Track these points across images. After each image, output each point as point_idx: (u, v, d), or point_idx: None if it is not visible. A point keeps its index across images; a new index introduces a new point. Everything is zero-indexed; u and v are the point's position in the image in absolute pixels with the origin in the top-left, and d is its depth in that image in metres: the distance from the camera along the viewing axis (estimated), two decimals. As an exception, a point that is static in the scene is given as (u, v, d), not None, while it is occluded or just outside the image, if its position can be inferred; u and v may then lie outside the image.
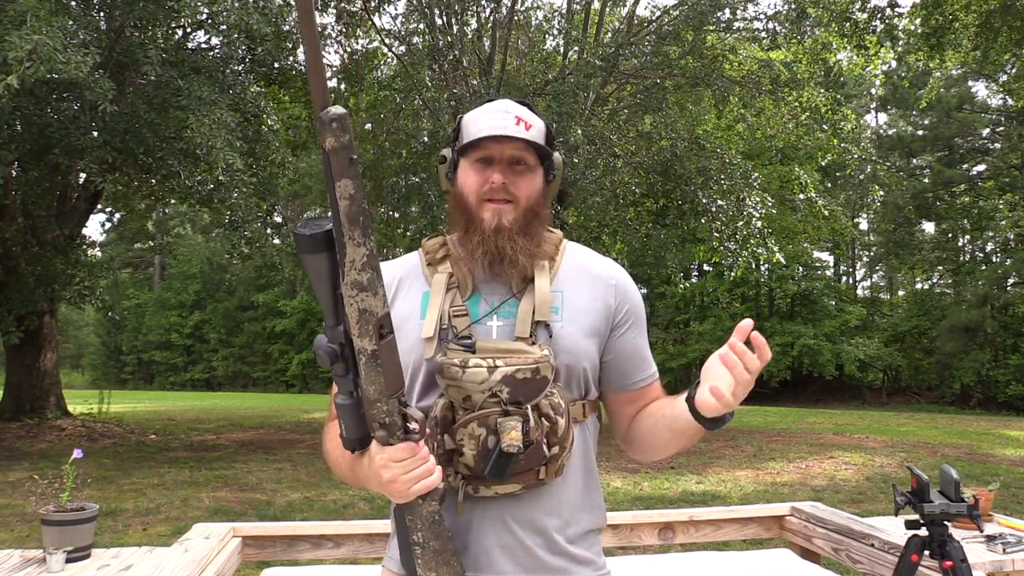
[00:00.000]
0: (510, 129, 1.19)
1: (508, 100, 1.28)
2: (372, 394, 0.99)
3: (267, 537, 2.54)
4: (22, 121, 7.73)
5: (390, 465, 1.02)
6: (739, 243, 10.25)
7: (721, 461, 8.48)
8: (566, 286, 1.25)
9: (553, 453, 1.15)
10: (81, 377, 39.95)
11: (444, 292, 1.21)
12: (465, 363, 1.11)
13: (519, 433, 1.09)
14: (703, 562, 2.62)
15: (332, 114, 0.87)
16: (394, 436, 1.02)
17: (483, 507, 1.17)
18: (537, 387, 1.12)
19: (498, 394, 1.10)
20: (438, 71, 10.11)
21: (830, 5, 10.17)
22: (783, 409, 19.89)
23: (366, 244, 0.93)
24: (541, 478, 1.16)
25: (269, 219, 11.51)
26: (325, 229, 0.95)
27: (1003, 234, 25.68)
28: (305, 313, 34.11)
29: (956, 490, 1.86)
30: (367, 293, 0.94)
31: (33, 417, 10.72)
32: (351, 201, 0.91)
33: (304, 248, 0.95)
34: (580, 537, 1.23)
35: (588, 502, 1.25)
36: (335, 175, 0.90)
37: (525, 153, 1.22)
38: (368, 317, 0.95)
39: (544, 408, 1.13)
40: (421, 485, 1.03)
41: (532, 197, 1.23)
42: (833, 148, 12.00)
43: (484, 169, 1.22)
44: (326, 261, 0.96)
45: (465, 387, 1.11)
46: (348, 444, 1.08)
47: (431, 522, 1.08)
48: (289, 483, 7.10)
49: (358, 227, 0.92)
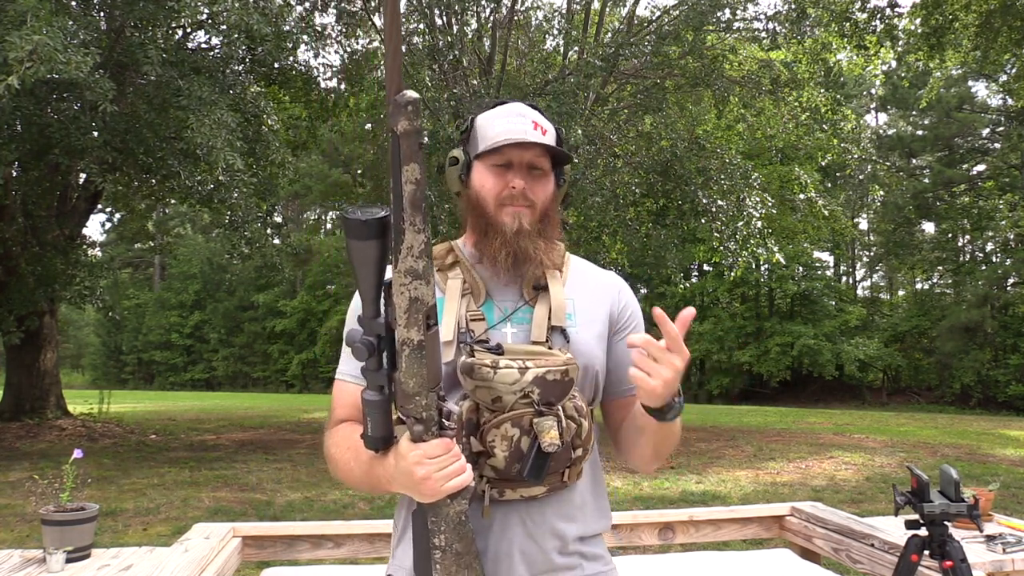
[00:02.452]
0: (530, 135, 1.21)
1: (521, 103, 1.28)
2: (412, 387, 0.97)
3: (267, 537, 2.54)
4: (22, 121, 7.73)
5: (425, 461, 0.99)
6: (739, 243, 10.25)
7: (721, 461, 8.48)
8: (576, 293, 1.27)
9: (577, 455, 1.16)
10: (81, 377, 39.96)
11: (459, 297, 1.21)
12: (496, 364, 1.11)
13: (556, 433, 1.09)
14: (703, 562, 2.62)
15: (408, 98, 0.87)
16: (429, 432, 1.00)
17: (505, 511, 1.17)
18: (565, 389, 1.13)
19: (530, 395, 1.10)
20: (438, 71, 10.11)
21: (830, 5, 10.16)
22: (783, 409, 19.91)
23: (425, 231, 0.92)
24: (564, 481, 1.17)
25: (269, 219, 11.51)
26: (379, 216, 0.93)
27: (1003, 234, 25.69)
28: (305, 313, 34.13)
29: (956, 490, 1.86)
30: (421, 281, 0.93)
31: (33, 417, 10.72)
32: (416, 186, 0.90)
33: (356, 234, 0.93)
34: (590, 538, 1.26)
35: (598, 505, 1.27)
36: (404, 159, 0.89)
37: (542, 159, 1.24)
38: (419, 306, 0.94)
39: (569, 410, 1.14)
40: (455, 483, 1.01)
41: (547, 202, 1.25)
42: (833, 148, 12.00)
43: (504, 173, 1.22)
44: (376, 249, 0.94)
45: (496, 388, 1.10)
46: (372, 444, 1.05)
47: (457, 523, 1.06)
48: (289, 483, 7.10)
49: (420, 213, 0.91)
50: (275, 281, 33.70)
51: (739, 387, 27.04)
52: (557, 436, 1.09)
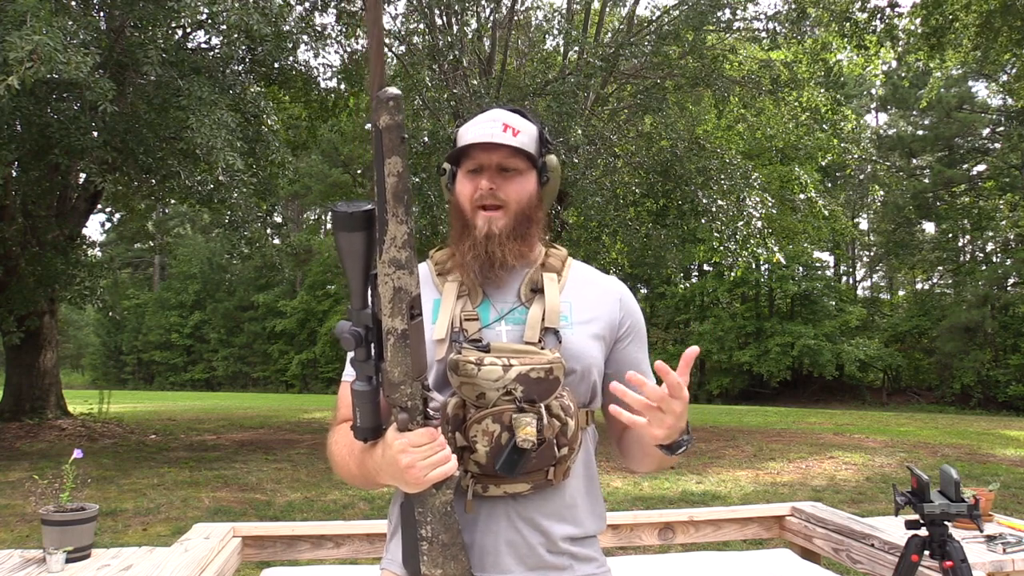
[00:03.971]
0: (496, 136, 1.22)
1: (499, 109, 1.31)
2: (397, 376, 1.00)
3: (267, 537, 2.54)
4: (22, 121, 7.73)
5: (409, 450, 1.02)
6: (739, 243, 10.25)
7: (721, 461, 8.47)
8: (574, 297, 1.29)
9: (562, 454, 1.17)
10: (81, 377, 39.98)
11: (455, 298, 1.24)
12: (480, 361, 1.13)
13: (533, 429, 1.10)
14: (703, 562, 2.62)
15: (389, 93, 0.90)
16: (414, 420, 1.02)
17: (490, 506, 1.18)
18: (549, 387, 1.14)
19: (512, 392, 1.12)
20: (438, 71, 10.11)
21: (830, 5, 10.16)
22: (783, 409, 19.90)
23: (407, 223, 0.95)
24: (550, 479, 1.18)
25: (269, 219, 11.52)
26: (365, 208, 0.96)
27: (1003, 234, 25.70)
28: (305, 313, 34.15)
29: (956, 490, 1.86)
30: (404, 271, 0.96)
31: (33, 417, 10.71)
32: (399, 179, 0.93)
33: (343, 226, 0.96)
34: (581, 539, 1.25)
35: (590, 508, 1.28)
36: (386, 152, 0.92)
37: (513, 159, 1.25)
38: (403, 296, 0.97)
39: (555, 409, 1.15)
40: (439, 472, 1.03)
41: (523, 201, 1.25)
42: (833, 148, 12.01)
43: (476, 177, 1.25)
44: (362, 241, 0.97)
45: (480, 384, 1.12)
46: (361, 434, 1.08)
47: (443, 513, 1.08)
48: (289, 483, 7.10)
49: (402, 205, 0.94)
50: (275, 281, 33.77)
51: (739, 387, 27.04)
52: (534, 433, 1.10)
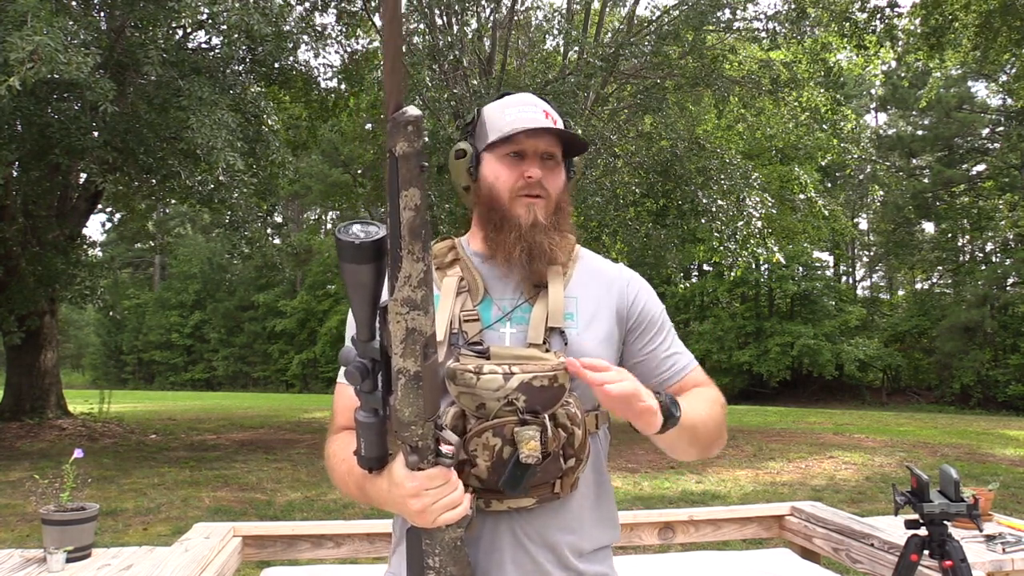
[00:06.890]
0: (543, 122, 1.17)
1: (529, 93, 1.25)
2: (408, 416, 0.91)
3: (267, 537, 2.54)
4: (22, 121, 7.73)
5: (421, 494, 0.95)
6: (739, 243, 10.25)
7: (721, 461, 8.47)
8: (580, 292, 1.21)
9: (569, 466, 1.09)
10: (81, 377, 39.95)
11: (454, 296, 1.16)
12: (479, 369, 1.04)
13: (537, 443, 1.02)
14: (703, 562, 2.62)
15: (409, 116, 0.77)
16: (425, 460, 0.95)
17: (494, 521, 1.12)
18: (554, 396, 1.06)
19: (514, 402, 1.04)
20: (438, 71, 10.10)
21: (830, 5, 10.16)
22: (783, 409, 19.89)
23: (424, 259, 0.83)
24: (556, 492, 1.11)
25: (269, 219, 11.53)
26: (375, 238, 0.84)
27: (1003, 234, 25.68)
28: (305, 313, 34.14)
29: (956, 490, 1.86)
30: (419, 312, 0.85)
31: (33, 417, 10.72)
32: (416, 213, 0.80)
33: (349, 257, 0.85)
34: (592, 553, 1.19)
35: (600, 516, 1.21)
36: (402, 183, 0.79)
37: (555, 147, 1.20)
38: (416, 337, 0.86)
39: (561, 418, 1.07)
40: (450, 515, 0.97)
41: (559, 191, 1.21)
42: (833, 148, 12.00)
43: (518, 163, 1.18)
44: (371, 272, 0.86)
45: (479, 394, 1.04)
46: (365, 463, 1.01)
47: (452, 547, 1.01)
48: (289, 483, 7.10)
49: (419, 241, 0.82)
50: (275, 281, 33.76)
51: (739, 387, 27.01)
52: (538, 447, 1.02)
